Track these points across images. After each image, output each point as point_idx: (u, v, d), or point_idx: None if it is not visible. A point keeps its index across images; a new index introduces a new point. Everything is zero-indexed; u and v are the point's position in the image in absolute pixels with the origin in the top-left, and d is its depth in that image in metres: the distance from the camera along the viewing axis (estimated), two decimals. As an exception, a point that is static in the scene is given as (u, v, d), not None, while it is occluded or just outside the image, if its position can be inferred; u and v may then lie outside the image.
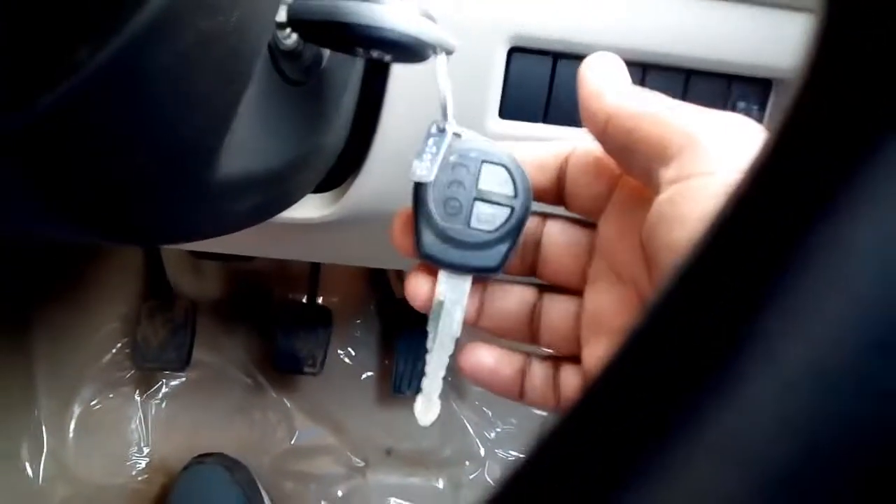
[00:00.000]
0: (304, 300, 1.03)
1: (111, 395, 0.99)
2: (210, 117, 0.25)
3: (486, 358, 0.31)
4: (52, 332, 0.98)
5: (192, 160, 0.25)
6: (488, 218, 0.30)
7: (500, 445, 1.03)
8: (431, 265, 0.31)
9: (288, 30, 0.31)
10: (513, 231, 0.30)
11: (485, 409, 1.04)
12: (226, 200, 0.30)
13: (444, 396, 1.05)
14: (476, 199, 0.30)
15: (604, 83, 0.28)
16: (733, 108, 0.48)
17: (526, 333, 0.32)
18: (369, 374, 1.04)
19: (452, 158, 0.30)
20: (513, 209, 0.30)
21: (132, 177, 0.24)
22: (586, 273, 0.31)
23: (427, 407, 0.33)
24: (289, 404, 1.01)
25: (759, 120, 0.49)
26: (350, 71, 0.37)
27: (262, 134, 0.30)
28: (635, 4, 0.45)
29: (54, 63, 0.19)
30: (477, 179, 0.30)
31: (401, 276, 1.04)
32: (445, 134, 0.30)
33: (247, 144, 0.29)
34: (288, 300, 1.04)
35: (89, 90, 0.19)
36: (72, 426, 0.97)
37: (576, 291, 0.31)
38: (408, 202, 0.51)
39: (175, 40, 0.20)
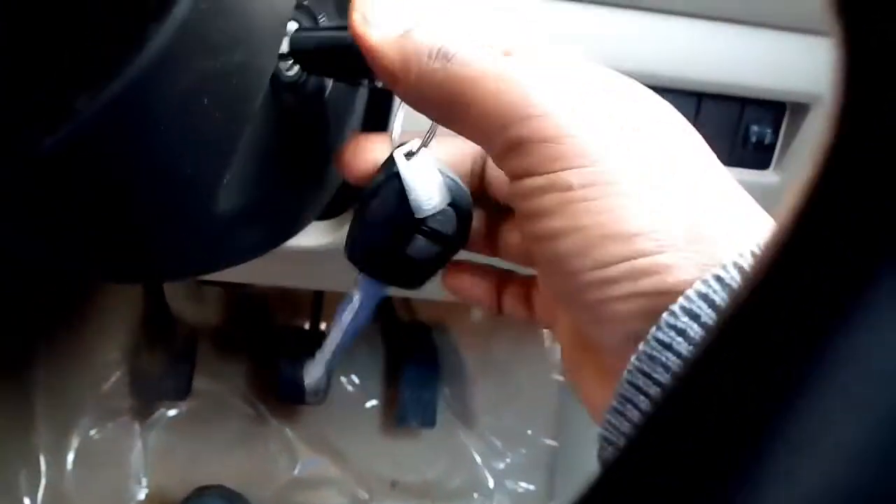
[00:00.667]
0: (307, 326, 1.01)
1: (110, 425, 0.97)
2: (210, 155, 0.24)
3: (465, 277, 0.33)
4: (52, 360, 0.97)
5: (192, 198, 0.25)
6: (422, 251, 0.30)
7: (509, 476, 1.01)
8: (353, 265, 0.32)
9: (290, 61, 0.30)
10: (440, 264, 0.31)
11: (493, 439, 1.02)
12: (226, 236, 0.29)
13: (451, 427, 1.02)
14: (418, 232, 0.30)
15: (388, 23, 0.25)
16: (746, 132, 0.47)
17: (487, 249, 0.33)
18: (373, 402, 1.02)
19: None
20: (448, 248, 0.30)
21: (132, 214, 0.24)
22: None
23: (314, 373, 0.35)
24: (290, 434, 1.00)
25: (773, 144, 0.48)
26: (353, 100, 0.36)
27: (263, 167, 0.29)
28: (644, 26, 0.44)
29: (55, 110, 0.19)
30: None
31: (407, 302, 1.03)
32: (425, 156, 0.29)
33: (247, 179, 0.28)
34: (290, 327, 1.02)
35: (89, 134, 0.19)
36: (70, 456, 0.96)
37: None
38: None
39: (174, 82, 0.20)
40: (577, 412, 0.96)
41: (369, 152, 0.30)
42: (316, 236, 0.49)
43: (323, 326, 1.02)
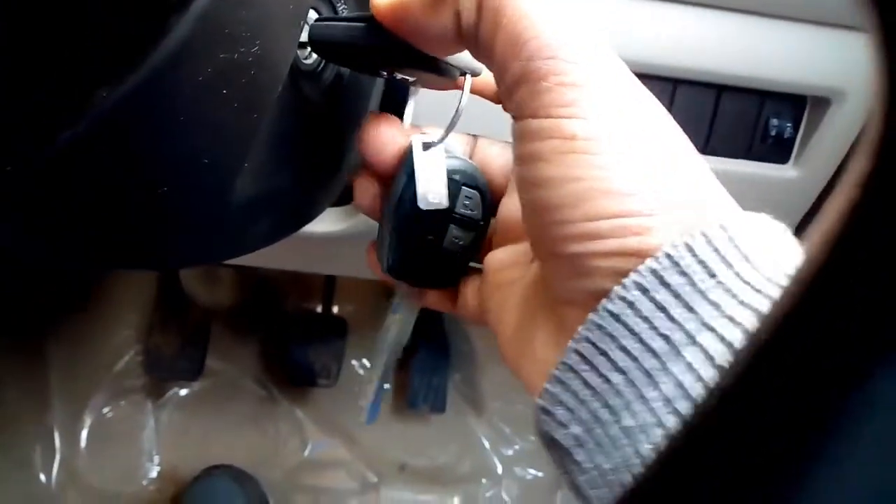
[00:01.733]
0: (319, 309, 1.02)
1: (123, 403, 0.99)
2: (228, 144, 0.24)
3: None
4: (66, 338, 0.98)
5: (210, 185, 0.25)
6: (457, 240, 0.30)
7: (517, 463, 1.01)
8: (393, 279, 0.32)
9: (308, 49, 0.30)
10: (474, 253, 0.31)
11: (502, 425, 1.02)
12: (243, 222, 0.30)
13: (461, 412, 1.03)
14: (451, 222, 0.30)
15: None
16: (765, 126, 0.47)
17: None
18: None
19: None
20: (479, 231, 0.31)
21: (150, 203, 0.24)
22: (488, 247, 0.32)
23: (370, 395, 0.35)
24: (301, 416, 1.00)
25: (793, 138, 0.47)
26: (370, 89, 0.36)
27: (281, 155, 0.29)
28: (665, 17, 0.43)
29: (73, 103, 0.19)
30: (455, 202, 0.30)
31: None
32: (439, 151, 0.30)
33: (265, 166, 0.28)
34: (303, 310, 1.03)
35: (107, 125, 0.19)
36: (84, 433, 0.97)
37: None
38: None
39: (194, 73, 0.20)
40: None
41: (389, 136, 0.30)
42: (330, 223, 0.49)
43: (335, 310, 1.02)
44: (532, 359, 0.26)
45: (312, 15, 0.29)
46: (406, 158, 0.30)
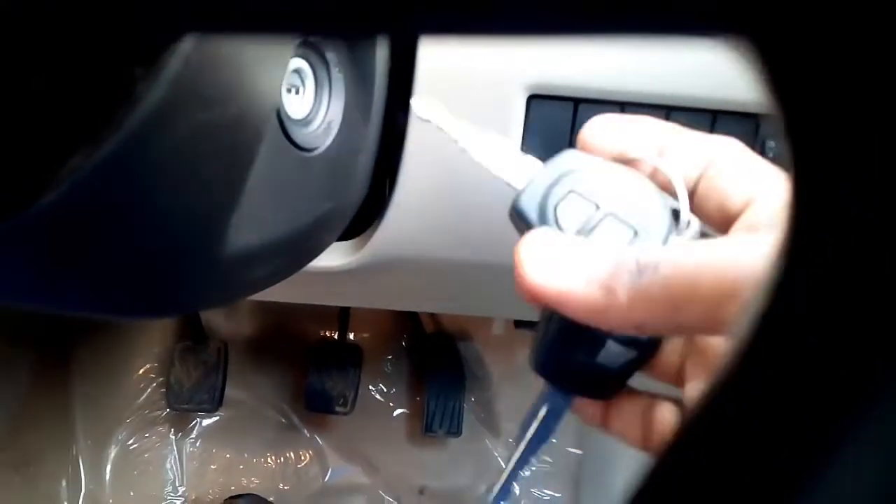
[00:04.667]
0: (336, 336, 1.03)
1: (147, 435, 1.00)
2: (213, 200, 0.24)
3: None
4: (90, 372, 0.99)
5: (199, 240, 0.25)
6: (615, 357, 0.28)
7: (534, 484, 1.01)
8: (541, 378, 0.29)
9: (297, 95, 0.31)
10: (633, 370, 0.28)
11: (519, 446, 1.02)
12: (238, 271, 0.30)
13: (477, 435, 1.02)
14: (610, 338, 0.28)
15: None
16: (762, 148, 0.47)
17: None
18: (402, 410, 1.03)
19: None
20: (640, 352, 0.28)
21: (139, 259, 0.24)
22: (682, 374, 0.28)
23: (499, 492, 0.32)
24: (321, 442, 1.01)
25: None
26: (365, 133, 0.36)
27: (274, 203, 0.30)
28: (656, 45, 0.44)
29: (51, 167, 0.19)
30: None
31: (432, 313, 1.03)
32: None
33: (258, 215, 0.29)
34: (319, 338, 1.04)
35: (88, 189, 0.20)
36: (109, 466, 0.98)
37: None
38: (431, 248, 0.50)
39: (171, 134, 0.20)
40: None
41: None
42: (337, 257, 0.50)
43: (351, 336, 1.03)
44: None
45: (300, 63, 0.30)
46: None
